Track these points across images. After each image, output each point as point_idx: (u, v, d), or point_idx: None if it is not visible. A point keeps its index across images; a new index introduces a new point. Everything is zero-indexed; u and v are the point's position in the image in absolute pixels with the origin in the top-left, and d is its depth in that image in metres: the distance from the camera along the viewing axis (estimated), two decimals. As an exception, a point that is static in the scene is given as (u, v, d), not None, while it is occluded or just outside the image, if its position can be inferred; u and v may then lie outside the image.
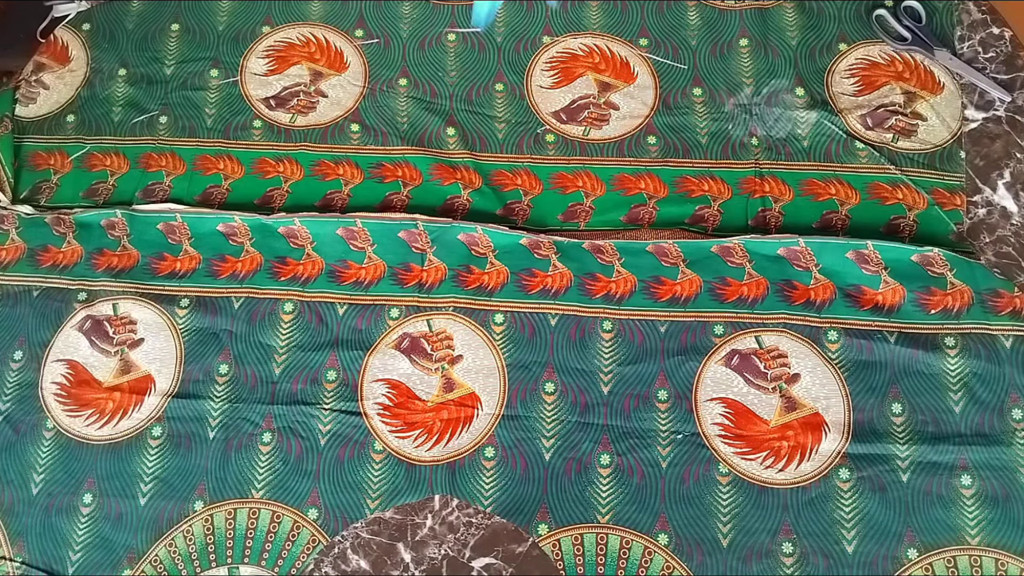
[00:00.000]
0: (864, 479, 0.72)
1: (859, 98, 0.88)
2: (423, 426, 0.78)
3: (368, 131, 0.92)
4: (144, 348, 0.83)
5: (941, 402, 0.74)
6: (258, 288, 0.84)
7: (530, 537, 0.73)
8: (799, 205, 0.84)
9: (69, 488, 0.79)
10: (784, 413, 0.75)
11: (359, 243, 0.85)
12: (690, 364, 0.78)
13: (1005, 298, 0.77)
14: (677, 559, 0.71)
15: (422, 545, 0.74)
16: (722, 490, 0.73)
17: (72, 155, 0.95)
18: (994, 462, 0.72)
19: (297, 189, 0.90)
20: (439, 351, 0.80)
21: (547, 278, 0.82)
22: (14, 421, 0.82)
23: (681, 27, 0.95)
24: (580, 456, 0.75)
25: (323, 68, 0.97)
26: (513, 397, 0.78)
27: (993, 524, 0.70)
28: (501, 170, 0.89)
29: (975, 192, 0.83)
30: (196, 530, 0.76)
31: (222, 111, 0.95)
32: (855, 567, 0.70)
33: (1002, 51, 0.90)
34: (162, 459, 0.79)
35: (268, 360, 0.81)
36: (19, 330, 0.85)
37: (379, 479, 0.76)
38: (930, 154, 0.85)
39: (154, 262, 0.87)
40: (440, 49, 0.96)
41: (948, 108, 0.87)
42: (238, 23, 1.00)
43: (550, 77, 0.93)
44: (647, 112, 0.90)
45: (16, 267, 0.89)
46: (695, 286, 0.81)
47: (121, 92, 0.98)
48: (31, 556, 0.77)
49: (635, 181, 0.87)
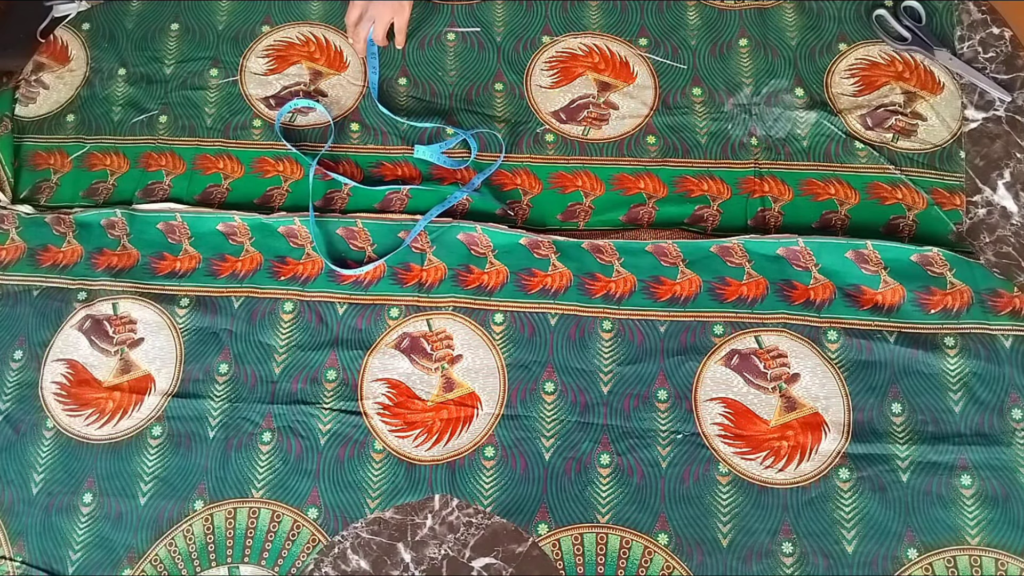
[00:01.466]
0: (864, 479, 0.72)
1: (859, 98, 0.88)
2: (423, 426, 0.78)
3: (368, 130, 0.92)
4: (144, 348, 0.83)
5: (941, 402, 0.74)
6: (258, 288, 0.84)
7: (530, 537, 0.73)
8: (798, 205, 0.84)
9: (69, 488, 0.79)
10: (784, 413, 0.75)
11: (359, 243, 0.85)
12: (690, 364, 0.78)
13: (1005, 298, 0.77)
14: (677, 559, 0.72)
15: (422, 545, 0.74)
16: (722, 490, 0.73)
17: (72, 155, 0.95)
18: (994, 462, 0.72)
19: (297, 188, 0.90)
20: (439, 351, 0.80)
21: (547, 278, 0.82)
22: (14, 421, 0.82)
23: (680, 27, 0.95)
24: (580, 456, 0.75)
25: (323, 67, 0.97)
26: (513, 397, 0.78)
27: (993, 524, 0.70)
28: (500, 169, 0.89)
29: (975, 192, 0.83)
30: (196, 529, 0.76)
31: (222, 110, 0.95)
32: (855, 567, 0.70)
33: (1002, 51, 0.90)
34: (162, 458, 0.79)
35: (268, 360, 0.81)
36: (19, 330, 0.85)
37: (379, 479, 0.76)
38: (930, 154, 0.85)
39: (154, 262, 0.87)
40: (440, 48, 0.96)
41: (948, 108, 0.87)
42: (238, 22, 1.00)
43: (549, 77, 0.93)
44: (647, 112, 0.90)
45: (16, 267, 0.89)
46: (695, 286, 0.81)
47: (121, 92, 0.98)
48: (31, 556, 0.77)
49: (634, 181, 0.87)
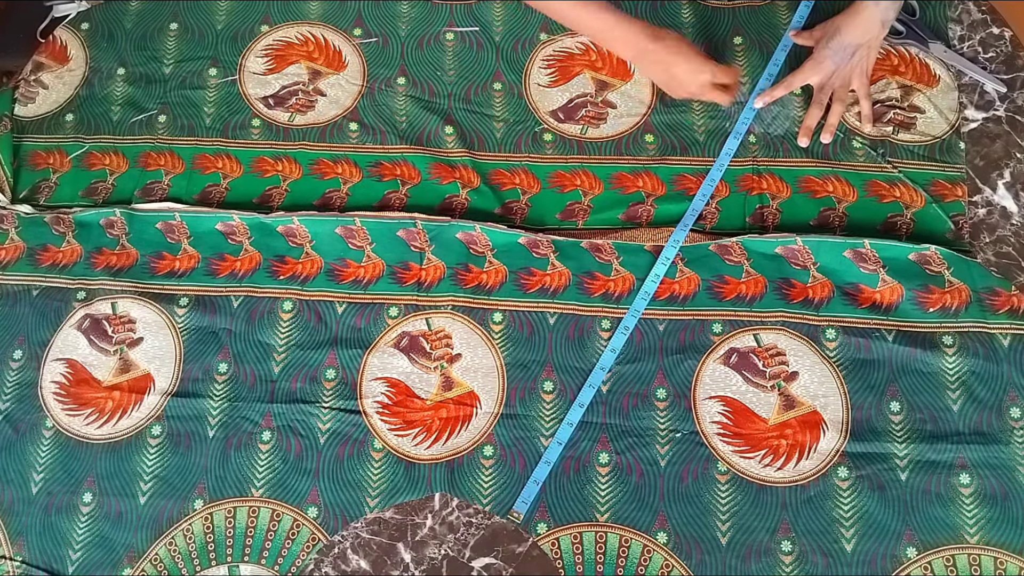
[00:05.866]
0: (863, 478, 0.72)
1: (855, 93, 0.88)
2: (422, 424, 0.78)
3: (367, 130, 0.93)
4: (143, 347, 0.83)
5: (939, 401, 0.74)
6: (257, 287, 0.85)
7: (530, 537, 0.73)
8: (796, 202, 0.84)
9: (69, 487, 0.79)
10: (782, 411, 0.75)
11: (358, 242, 0.85)
12: (688, 362, 0.78)
13: (1003, 296, 0.77)
14: (676, 557, 0.72)
15: (422, 545, 0.74)
16: (721, 488, 0.73)
17: (71, 154, 0.95)
18: (992, 461, 0.72)
19: (296, 188, 0.90)
20: (438, 350, 0.80)
21: (545, 277, 0.82)
22: (14, 420, 0.82)
23: (675, 25, 0.94)
24: (579, 455, 0.75)
25: (322, 67, 0.97)
26: (512, 396, 0.78)
27: (992, 523, 0.70)
28: (499, 169, 0.89)
29: (975, 192, 0.83)
30: (196, 529, 0.76)
31: (221, 110, 0.95)
32: (854, 566, 0.70)
33: (1002, 51, 0.90)
34: (162, 458, 0.79)
35: (267, 359, 0.81)
36: (19, 329, 0.86)
37: (378, 477, 0.76)
38: (930, 146, 0.85)
39: (153, 261, 0.87)
40: (438, 48, 0.96)
41: (945, 100, 0.87)
42: (237, 22, 1.00)
43: (548, 76, 0.93)
44: (644, 110, 0.90)
45: (15, 266, 0.89)
46: (693, 284, 0.81)
47: (120, 91, 0.98)
48: (31, 555, 0.77)
49: (633, 179, 0.87)
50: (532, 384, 0.78)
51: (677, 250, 0.81)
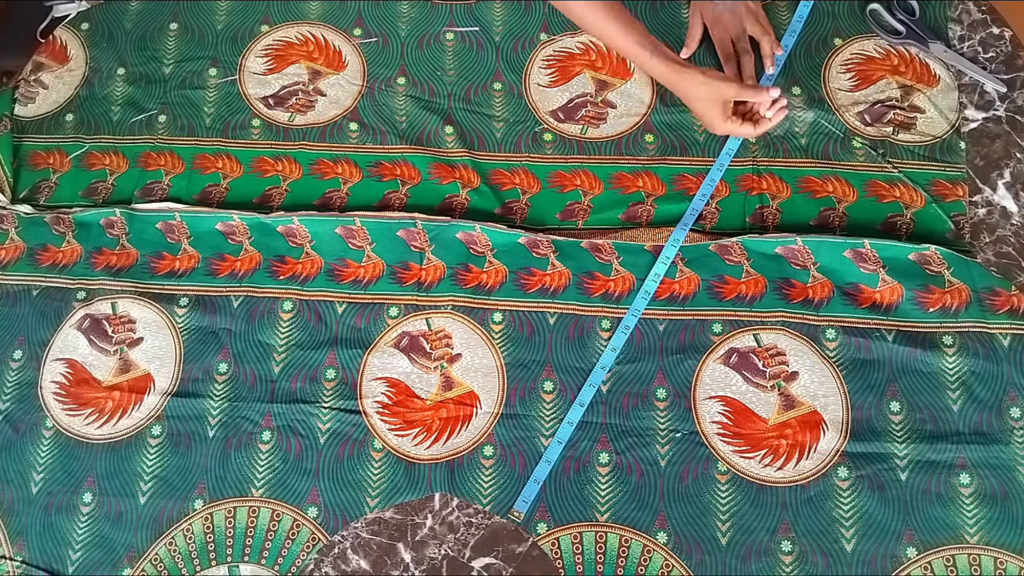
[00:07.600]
0: (863, 478, 0.72)
1: (855, 93, 0.88)
2: (422, 424, 0.78)
3: (367, 130, 0.93)
4: (143, 347, 0.83)
5: (939, 401, 0.74)
6: (257, 287, 0.85)
7: (530, 537, 0.73)
8: (796, 202, 0.84)
9: (69, 487, 0.79)
10: (782, 411, 0.75)
11: (358, 242, 0.85)
12: (688, 362, 0.78)
13: (1003, 296, 0.77)
14: (676, 557, 0.72)
15: (422, 545, 0.74)
16: (721, 488, 0.73)
17: (71, 154, 0.95)
18: (992, 461, 0.72)
19: (296, 188, 0.90)
20: (438, 350, 0.80)
21: (545, 277, 0.82)
22: (14, 420, 0.82)
23: (676, 25, 0.94)
24: (579, 455, 0.75)
25: (322, 67, 0.97)
26: (512, 396, 0.78)
27: (992, 523, 0.70)
28: (499, 169, 0.89)
29: (975, 192, 0.83)
30: (196, 529, 0.76)
31: (221, 110, 0.95)
32: (854, 566, 0.70)
33: (1002, 51, 0.89)
34: (162, 458, 0.79)
35: (267, 359, 0.81)
36: (19, 329, 0.86)
37: (378, 477, 0.76)
38: (930, 146, 0.85)
39: (153, 261, 0.87)
40: (438, 48, 0.96)
41: (945, 100, 0.87)
42: (236, 22, 1.00)
43: (548, 76, 0.93)
44: (644, 110, 0.90)
45: (15, 266, 0.89)
46: (693, 284, 0.81)
47: (120, 91, 0.98)
48: (31, 555, 0.77)
49: (633, 179, 0.87)
50: (532, 384, 0.78)
51: (677, 250, 0.81)
